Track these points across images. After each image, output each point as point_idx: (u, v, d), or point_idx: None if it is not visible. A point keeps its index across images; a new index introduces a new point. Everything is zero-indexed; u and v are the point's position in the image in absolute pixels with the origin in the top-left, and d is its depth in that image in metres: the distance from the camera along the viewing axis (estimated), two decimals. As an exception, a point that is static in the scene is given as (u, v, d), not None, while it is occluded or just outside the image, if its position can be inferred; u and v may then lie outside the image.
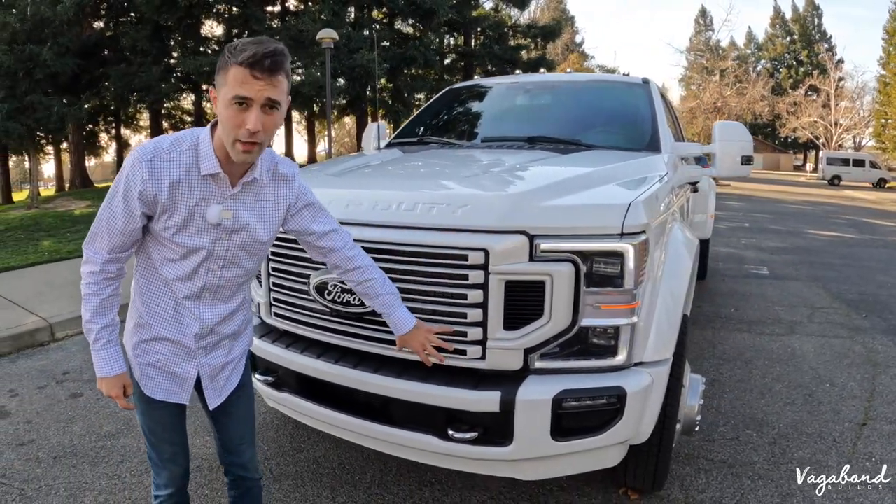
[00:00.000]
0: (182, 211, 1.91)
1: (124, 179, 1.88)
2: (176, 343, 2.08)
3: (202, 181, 1.91)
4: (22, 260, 10.24)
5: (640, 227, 2.51)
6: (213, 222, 1.94)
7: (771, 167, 68.06)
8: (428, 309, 2.62)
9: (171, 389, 2.13)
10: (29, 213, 17.91)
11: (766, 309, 7.08)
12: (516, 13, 39.92)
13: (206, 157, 1.89)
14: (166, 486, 2.27)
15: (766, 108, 49.79)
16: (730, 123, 4.47)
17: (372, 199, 2.80)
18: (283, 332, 3.21)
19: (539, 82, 5.37)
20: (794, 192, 31.12)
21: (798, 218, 17.72)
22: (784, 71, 76.00)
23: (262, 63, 1.74)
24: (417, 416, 2.65)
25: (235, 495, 2.50)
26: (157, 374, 2.11)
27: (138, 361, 2.11)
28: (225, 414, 2.31)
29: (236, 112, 1.77)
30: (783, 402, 4.50)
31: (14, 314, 6.76)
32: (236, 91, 1.75)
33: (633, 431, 2.60)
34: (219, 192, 1.94)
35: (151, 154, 1.87)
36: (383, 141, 5.00)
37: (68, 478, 3.65)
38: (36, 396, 4.87)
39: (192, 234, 1.95)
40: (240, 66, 1.74)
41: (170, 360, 2.10)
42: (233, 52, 1.76)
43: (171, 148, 1.89)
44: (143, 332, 2.08)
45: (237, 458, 2.41)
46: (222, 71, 1.80)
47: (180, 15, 22.69)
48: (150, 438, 2.22)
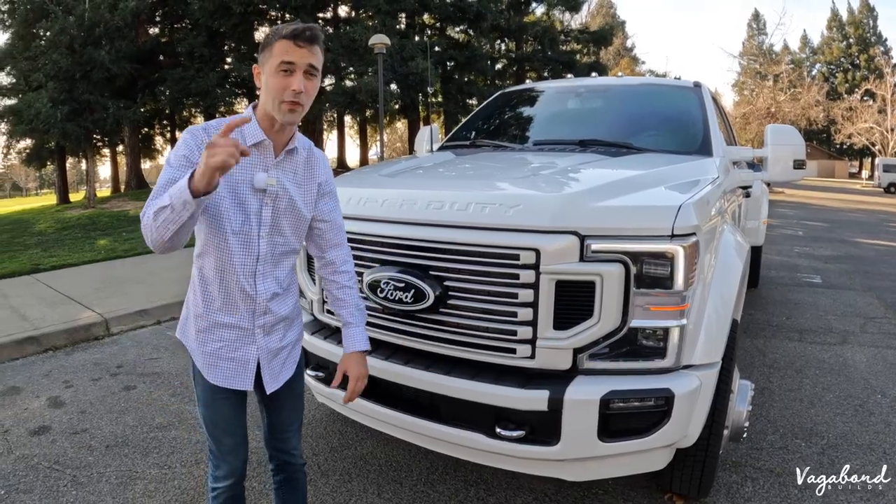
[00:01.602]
0: (231, 178, 2.07)
1: (181, 146, 2.04)
2: (235, 327, 2.18)
3: (250, 150, 2.07)
4: (79, 257, 10.54)
5: (690, 228, 2.51)
6: (260, 187, 2.10)
7: (825, 174, 66.52)
8: (479, 307, 2.66)
9: (234, 374, 2.21)
10: (86, 213, 18.42)
11: (818, 318, 6.94)
12: (567, 18, 39.69)
13: (250, 128, 2.10)
14: (225, 478, 2.33)
15: (820, 113, 48.75)
16: (782, 127, 4.42)
17: (425, 198, 2.84)
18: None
19: (591, 86, 5.36)
20: (848, 199, 30.40)
21: (852, 226, 17.31)
22: (840, 75, 74.25)
23: (303, 34, 2.00)
24: (466, 413, 2.68)
25: (280, 480, 2.57)
26: (220, 361, 2.19)
27: (201, 351, 2.20)
28: (277, 401, 2.39)
29: (282, 78, 2.00)
30: (833, 413, 4.42)
31: (71, 309, 6.97)
32: (282, 57, 1.99)
33: (680, 434, 2.59)
34: (262, 161, 2.12)
35: (203, 127, 2.09)
36: (436, 144, 5.05)
37: (119, 466, 3.76)
38: (90, 388, 5.02)
39: (242, 201, 2.10)
40: (284, 38, 1.99)
41: (231, 344, 2.19)
42: (276, 31, 2.02)
43: (218, 125, 2.06)
44: (201, 321, 2.19)
45: (283, 444, 2.49)
46: (267, 48, 2.03)
47: (235, 21, 23.11)
48: (211, 431, 2.28)
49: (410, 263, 2.79)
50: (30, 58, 20.99)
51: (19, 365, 5.67)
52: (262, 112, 2.10)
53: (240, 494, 2.41)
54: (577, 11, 38.32)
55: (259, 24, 26.25)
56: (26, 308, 7.05)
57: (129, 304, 7.12)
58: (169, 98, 25.19)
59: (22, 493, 3.48)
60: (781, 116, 43.63)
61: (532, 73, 33.93)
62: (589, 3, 55.42)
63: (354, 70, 24.39)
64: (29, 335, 6.07)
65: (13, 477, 3.66)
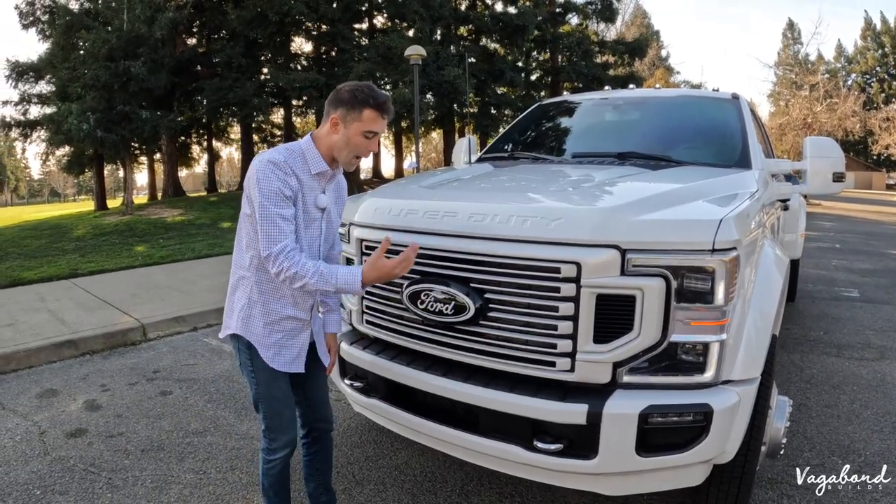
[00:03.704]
0: (304, 200, 2.52)
1: (269, 178, 2.40)
2: (296, 319, 2.64)
3: (312, 178, 2.54)
4: (116, 263, 10.71)
5: (731, 243, 2.50)
6: (322, 206, 2.59)
7: (862, 186, 65.36)
8: (519, 320, 2.67)
9: (294, 359, 2.67)
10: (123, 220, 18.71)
11: (856, 333, 6.84)
12: (602, 29, 39.49)
13: (314, 160, 2.53)
14: (284, 448, 2.72)
15: (857, 124, 47.93)
16: (821, 139, 4.37)
17: (467, 210, 2.86)
18: (374, 339, 3.31)
19: (628, 98, 5.36)
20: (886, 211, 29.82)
21: (890, 239, 16.98)
22: (875, 85, 73.16)
23: (388, 108, 2.49)
24: (504, 425, 2.69)
25: (315, 451, 3.02)
26: (284, 350, 2.63)
27: (267, 342, 2.60)
28: (308, 377, 2.82)
29: (365, 140, 2.50)
30: (871, 430, 4.35)
31: (108, 314, 7.09)
32: (370, 127, 2.47)
33: (718, 450, 2.57)
34: (321, 185, 2.59)
35: (283, 158, 2.46)
36: (473, 155, 5.07)
37: (154, 470, 3.82)
38: (126, 392, 5.11)
39: (311, 218, 2.57)
40: (374, 109, 2.44)
41: (290, 333, 2.64)
42: (364, 97, 2.43)
43: (289, 154, 2.49)
44: (267, 315, 2.59)
45: (320, 413, 2.95)
46: (354, 110, 2.44)
47: (271, 31, 23.36)
48: (272, 407, 2.67)
49: (451, 275, 2.81)
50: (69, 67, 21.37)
51: (57, 368, 5.79)
52: (326, 148, 2.53)
53: (288, 464, 2.82)
54: (613, 22, 38.01)
55: (295, 35, 26.49)
56: (64, 312, 7.19)
57: (165, 310, 7.23)
58: (206, 108, 25.51)
59: (58, 495, 3.56)
60: (818, 127, 42.98)
61: (567, 85, 33.80)
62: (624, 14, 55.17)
63: (389, 80, 24.48)
64: (67, 339, 6.20)
65: (49, 478, 3.75)
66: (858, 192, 55.96)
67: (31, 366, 5.83)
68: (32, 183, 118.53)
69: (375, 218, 3.22)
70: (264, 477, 2.79)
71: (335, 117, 2.48)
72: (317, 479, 3.05)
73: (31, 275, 9.66)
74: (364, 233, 3.24)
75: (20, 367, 5.78)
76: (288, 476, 2.86)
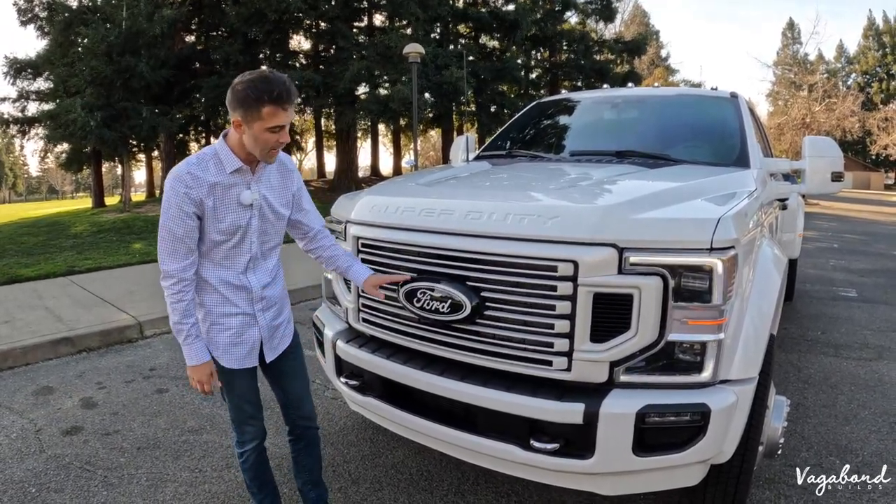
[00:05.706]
0: (224, 202, 2.49)
1: (170, 195, 2.42)
2: (240, 314, 2.63)
3: (230, 176, 2.49)
4: (114, 260, 10.70)
5: (729, 242, 2.49)
6: (247, 203, 2.53)
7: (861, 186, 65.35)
8: (516, 319, 2.65)
9: (245, 356, 2.67)
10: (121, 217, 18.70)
11: (853, 333, 6.84)
12: (601, 27, 39.45)
13: (228, 159, 2.48)
14: (251, 440, 2.81)
15: (856, 124, 48.00)
16: (820, 139, 4.36)
17: (463, 208, 2.84)
18: (370, 337, 3.30)
19: (626, 96, 5.35)
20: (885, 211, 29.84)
21: (889, 239, 16.98)
22: (875, 85, 73.15)
23: (287, 97, 2.37)
24: (500, 424, 2.68)
25: (300, 448, 3.04)
26: (232, 347, 2.64)
27: (216, 341, 2.63)
28: (283, 374, 2.87)
29: (272, 135, 2.40)
30: (868, 430, 4.34)
31: (105, 311, 7.08)
32: (272, 123, 2.37)
33: (715, 450, 2.56)
34: (244, 180, 2.54)
35: (186, 169, 2.44)
36: (471, 153, 5.06)
37: (150, 468, 3.82)
38: (122, 390, 5.10)
39: (235, 217, 2.52)
40: (271, 104, 2.33)
41: (239, 329, 2.64)
42: (259, 94, 2.32)
43: (198, 162, 2.47)
44: (211, 317, 2.61)
45: (300, 411, 2.96)
46: (252, 110, 2.35)
47: (269, 28, 23.29)
48: (235, 402, 2.75)
49: (447, 274, 2.80)
50: (67, 64, 21.34)
51: (53, 365, 5.78)
52: (239, 146, 2.47)
53: (264, 457, 2.92)
54: (612, 21, 37.85)
55: (293, 32, 26.43)
56: (61, 309, 7.18)
57: (162, 308, 7.19)
58: (204, 105, 25.43)
59: (53, 492, 3.55)
60: (816, 127, 43.04)
61: (566, 83, 33.74)
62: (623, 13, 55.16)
63: (388, 78, 24.41)
64: (63, 336, 6.19)
65: (45, 476, 3.74)
66: (857, 191, 55.96)
67: (27, 363, 5.82)
68: (30, 180, 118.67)
69: (372, 216, 3.20)
70: (243, 472, 2.89)
71: (237, 119, 2.41)
72: (304, 475, 3.10)
73: (28, 272, 9.65)
74: (360, 230, 3.22)
75: (16, 364, 5.77)
76: (269, 471, 2.97)
